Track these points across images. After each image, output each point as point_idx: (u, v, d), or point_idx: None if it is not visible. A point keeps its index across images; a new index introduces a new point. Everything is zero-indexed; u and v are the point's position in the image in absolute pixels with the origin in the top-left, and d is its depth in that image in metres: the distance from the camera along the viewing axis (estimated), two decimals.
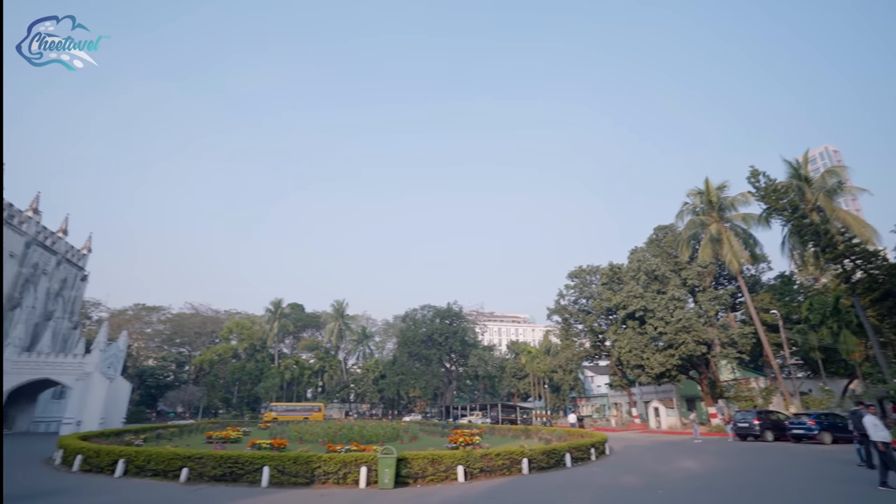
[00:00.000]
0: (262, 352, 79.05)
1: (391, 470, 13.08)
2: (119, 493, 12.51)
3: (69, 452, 17.58)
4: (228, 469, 13.85)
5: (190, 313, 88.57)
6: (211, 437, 26.49)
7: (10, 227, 41.13)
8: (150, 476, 14.54)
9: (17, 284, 41.65)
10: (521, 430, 32.37)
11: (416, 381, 68.81)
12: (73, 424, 34.43)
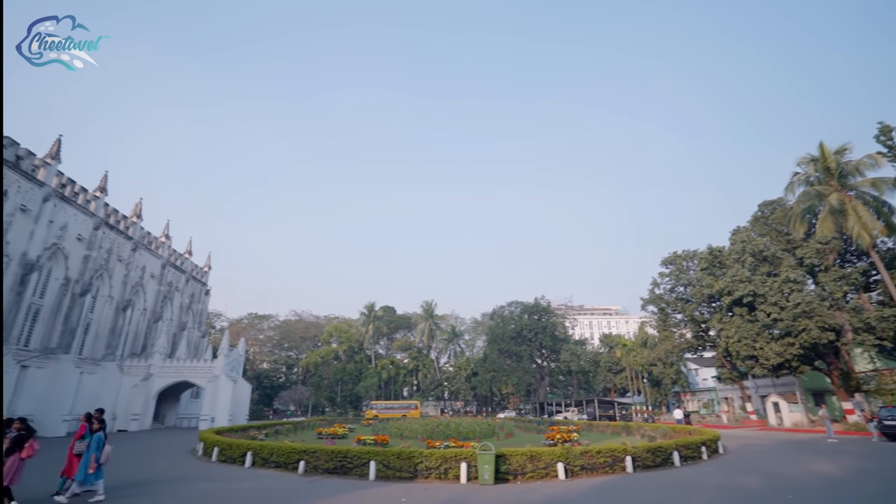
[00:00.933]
0: (359, 353, 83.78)
1: (491, 466, 13.30)
2: (251, 481, 14.06)
3: (208, 445, 20.06)
4: (339, 463, 14.98)
5: (295, 320, 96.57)
6: (321, 434, 28.67)
7: (149, 251, 47.82)
8: (273, 467, 16.17)
9: (157, 300, 48.40)
10: (621, 426, 31.04)
11: (508, 377, 68.76)
12: (209, 420, 39.23)
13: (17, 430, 9.92)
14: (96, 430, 11.17)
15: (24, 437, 9.85)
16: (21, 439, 9.77)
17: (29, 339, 33.22)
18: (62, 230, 36.10)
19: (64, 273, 36.11)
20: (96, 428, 11.19)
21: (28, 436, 9.94)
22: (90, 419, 11.56)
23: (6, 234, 30.92)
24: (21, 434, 9.85)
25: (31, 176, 33.30)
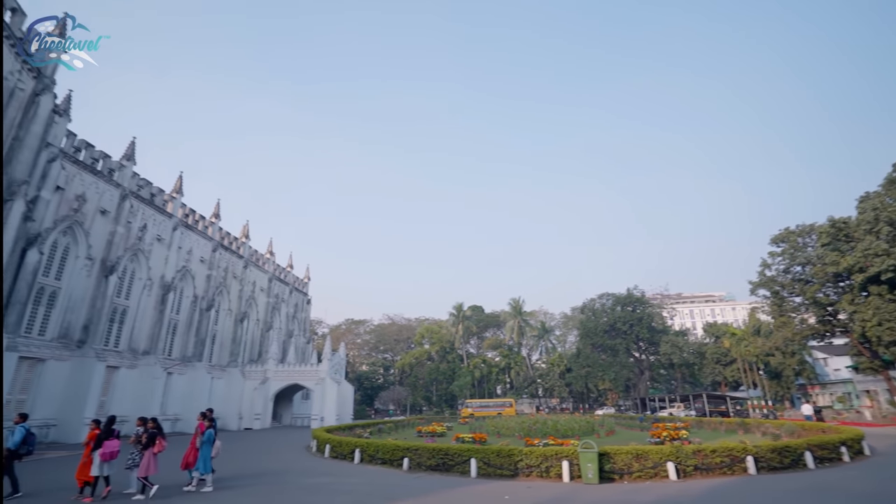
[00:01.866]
0: (451, 353, 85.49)
1: (594, 465, 13.00)
2: (362, 476, 15.06)
3: (321, 442, 21.78)
4: (441, 460, 15.52)
5: (388, 323, 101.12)
6: (421, 432, 29.78)
7: (257, 267, 52.95)
8: (380, 464, 17.16)
9: (267, 311, 53.49)
10: (737, 423, 28.50)
11: (604, 372, 66.10)
12: (319, 420, 42.55)
13: (150, 429, 11.60)
14: (206, 427, 12.42)
15: (155, 435, 11.52)
16: (153, 437, 11.45)
17: (171, 349, 38.44)
18: (189, 254, 41.32)
19: (193, 291, 41.30)
20: (207, 426, 12.47)
21: (158, 433, 11.63)
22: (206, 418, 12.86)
23: (149, 259, 36.10)
24: (153, 432, 11.54)
25: (163, 210, 38.55)
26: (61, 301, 29.13)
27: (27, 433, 11.86)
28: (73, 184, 30.21)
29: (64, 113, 27.54)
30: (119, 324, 33.75)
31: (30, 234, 24.72)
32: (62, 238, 29.58)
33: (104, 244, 32.36)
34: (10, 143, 23.48)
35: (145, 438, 11.47)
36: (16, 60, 24.19)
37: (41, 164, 25.28)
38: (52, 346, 27.99)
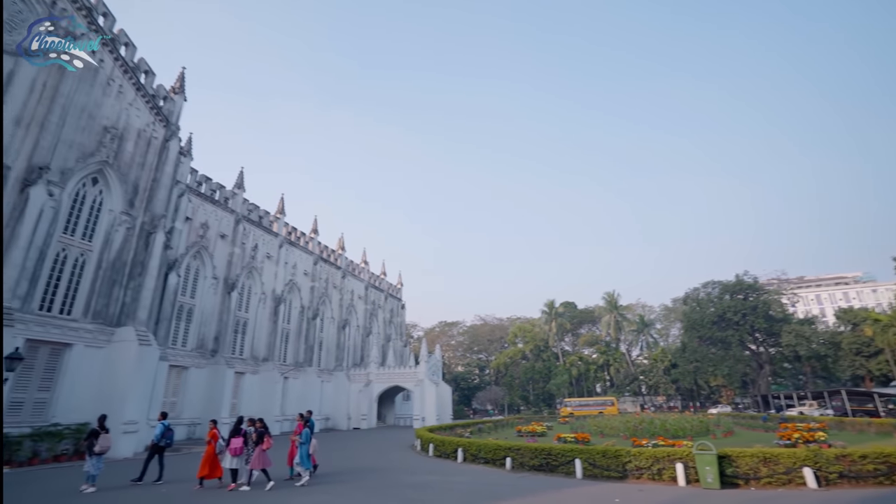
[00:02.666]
0: (546, 351, 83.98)
1: (714, 468, 12.11)
2: (466, 475, 15.44)
3: (424, 441, 22.66)
4: (544, 460, 15.43)
5: (480, 324, 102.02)
6: (520, 431, 29.71)
7: (354, 276, 56.36)
8: (483, 463, 17.46)
9: (365, 318, 56.74)
10: (892, 424, 24.74)
11: (716, 367, 60.61)
12: (420, 420, 44.21)
13: (258, 428, 13.19)
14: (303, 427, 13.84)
15: (263, 434, 13.05)
16: (261, 435, 13.00)
17: (286, 356, 42.31)
18: (294, 268, 45.23)
19: (300, 302, 45.13)
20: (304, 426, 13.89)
21: (265, 432, 13.15)
22: (303, 419, 14.21)
23: (262, 276, 40.16)
24: (261, 431, 13.09)
25: (270, 230, 42.66)
26: (196, 316, 33.44)
27: (165, 429, 14.23)
28: (198, 213, 34.60)
29: (187, 153, 31.66)
30: (242, 334, 37.91)
31: (169, 260, 28.74)
32: (193, 261, 33.95)
33: (225, 264, 36.58)
34: (150, 183, 27.56)
35: (255, 437, 13.09)
36: (150, 113, 28.36)
37: (173, 199, 29.30)
38: (192, 356, 32.22)
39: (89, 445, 12.71)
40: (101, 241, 24.59)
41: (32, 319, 20.59)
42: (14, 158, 20.97)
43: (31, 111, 21.93)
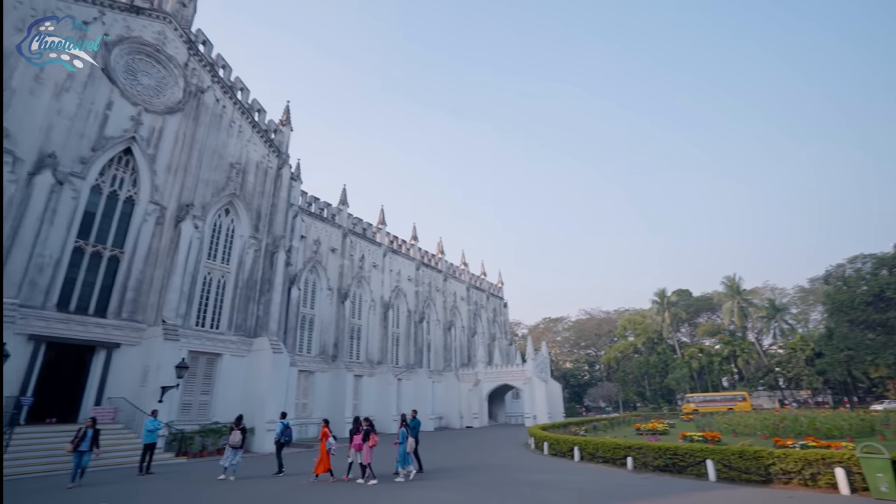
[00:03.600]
0: (660, 344, 78.39)
1: (889, 475, 10.22)
2: (584, 474, 15.04)
3: (538, 440, 22.48)
4: (669, 460, 14.49)
5: (586, 318, 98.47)
6: (639, 429, 28.11)
7: (455, 278, 57.70)
8: (601, 462, 16.87)
9: (469, 318, 57.79)
10: None
11: (876, 356, 51.54)
12: (531, 418, 43.88)
13: (366, 427, 14.04)
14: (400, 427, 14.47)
15: (369, 432, 13.87)
16: (368, 433, 13.84)
17: (397, 359, 44.67)
18: (398, 275, 47.63)
19: (406, 307, 47.37)
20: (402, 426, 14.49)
21: (372, 430, 13.96)
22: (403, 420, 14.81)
23: (370, 284, 42.94)
24: (368, 429, 13.93)
25: (374, 240, 45.47)
26: (317, 325, 36.75)
27: (284, 427, 16.23)
28: (310, 231, 38.04)
29: (297, 178, 35.01)
30: (357, 339, 40.82)
31: (290, 276, 32.00)
32: (310, 275, 37.37)
33: (337, 276, 39.72)
34: (270, 208, 31.00)
35: (362, 435, 14.09)
36: (264, 146, 31.90)
37: (289, 221, 32.58)
38: (316, 361, 35.47)
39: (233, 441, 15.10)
40: (236, 263, 28.19)
41: (192, 334, 24.27)
42: (167, 199, 24.99)
43: (177, 159, 25.93)
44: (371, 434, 13.92)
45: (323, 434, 14.79)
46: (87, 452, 13.87)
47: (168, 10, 27.75)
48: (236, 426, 15.53)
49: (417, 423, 15.19)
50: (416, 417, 15.57)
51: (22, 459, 16.27)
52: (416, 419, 15.37)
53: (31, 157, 20.26)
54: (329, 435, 14.71)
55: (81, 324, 20.79)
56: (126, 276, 22.80)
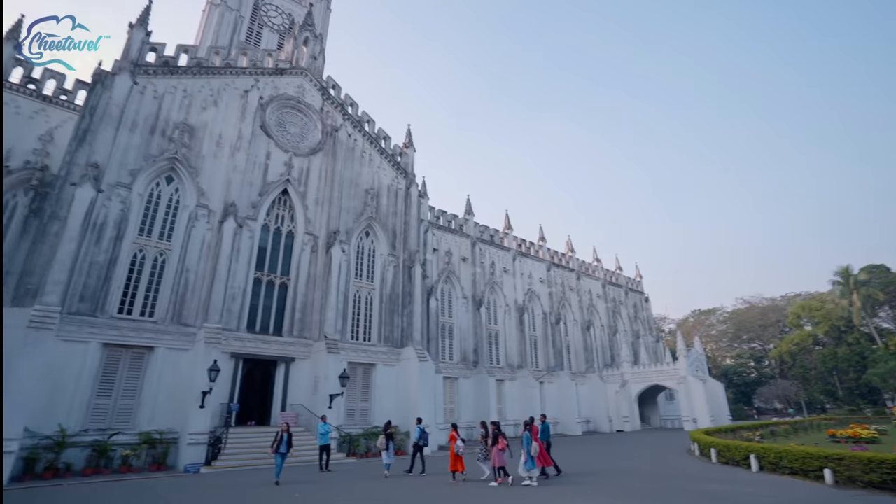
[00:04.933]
0: (850, 332, 64.97)
1: None
2: (770, 487, 13.18)
3: (703, 445, 20.36)
4: (888, 475, 12.00)
5: (745, 308, 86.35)
6: (835, 436, 23.81)
7: (588, 276, 55.37)
8: (787, 474, 14.65)
9: (608, 316, 54.86)
10: None
11: None
12: (691, 421, 39.80)
13: (494, 431, 14.68)
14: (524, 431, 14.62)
15: (498, 435, 14.48)
16: (496, 436, 14.49)
17: (537, 362, 44.25)
18: (529, 278, 47.36)
19: (541, 309, 46.81)
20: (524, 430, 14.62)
21: (500, 433, 14.53)
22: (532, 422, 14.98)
23: (502, 289, 43.39)
24: (496, 433, 14.59)
25: (502, 245, 46.06)
26: (455, 332, 38.28)
27: (422, 432, 18.06)
28: (441, 243, 39.95)
29: (424, 195, 37.12)
30: (495, 345, 41.46)
31: (427, 287, 33.94)
32: (445, 285, 39.15)
33: (470, 284, 40.94)
34: (403, 226, 33.34)
35: (490, 438, 14.95)
36: (392, 170, 34.51)
37: (421, 236, 34.63)
38: (459, 367, 36.90)
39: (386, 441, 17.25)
40: (379, 280, 30.83)
41: (349, 347, 27.15)
42: (318, 229, 28.51)
43: (322, 192, 29.48)
44: (499, 437, 14.42)
45: (451, 438, 15.92)
46: (286, 454, 15.66)
47: (303, 65, 31.84)
48: (384, 431, 17.68)
49: (546, 427, 15.55)
50: (545, 422, 15.91)
51: (236, 455, 19.88)
52: (545, 423, 15.77)
53: (218, 208, 24.85)
54: (457, 438, 15.69)
55: (265, 342, 24.69)
56: (293, 300, 26.50)
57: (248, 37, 43.66)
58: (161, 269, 22.70)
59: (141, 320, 21.36)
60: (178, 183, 24.44)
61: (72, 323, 19.23)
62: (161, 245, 22.98)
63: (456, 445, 15.56)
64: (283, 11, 47.01)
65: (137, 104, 23.90)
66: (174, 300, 22.35)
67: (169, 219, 23.67)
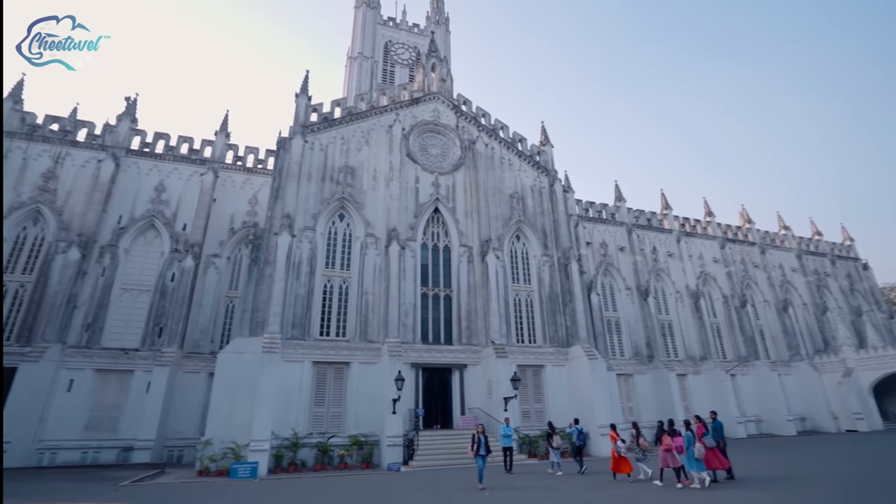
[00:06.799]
0: None
1: None
2: None
3: None
4: None
5: None
6: None
7: (774, 247, 47.19)
8: None
9: (810, 292, 45.90)
10: None
11: None
12: None
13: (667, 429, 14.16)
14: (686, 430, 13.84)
15: (661, 434, 14.07)
16: (659, 436, 14.13)
17: (724, 352, 39.17)
18: (700, 259, 42.46)
19: (719, 292, 41.50)
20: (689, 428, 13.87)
21: (664, 433, 14.04)
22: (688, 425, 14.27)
23: (669, 275, 39.64)
24: (660, 431, 14.22)
25: (661, 228, 42.47)
26: (623, 326, 36.19)
27: (578, 432, 18.55)
28: (594, 235, 38.37)
29: (569, 189, 36.14)
30: (669, 336, 37.94)
31: (587, 283, 32.78)
32: (604, 279, 37.38)
33: (631, 273, 38.35)
34: (552, 224, 32.80)
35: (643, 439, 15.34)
36: (533, 170, 34.36)
37: (572, 231, 33.68)
38: (632, 363, 34.72)
39: (548, 443, 18.51)
40: (536, 281, 30.81)
41: (515, 350, 27.62)
42: (471, 240, 29.84)
43: (469, 205, 30.80)
44: (663, 436, 13.97)
45: (611, 438, 15.86)
46: (486, 456, 15.26)
47: (434, 89, 33.86)
48: (552, 431, 19.12)
49: (718, 424, 14.80)
50: (717, 419, 15.17)
51: (428, 456, 21.80)
52: (717, 421, 14.99)
53: (383, 235, 27.80)
54: (617, 439, 15.59)
55: (438, 351, 26.62)
56: (458, 309, 28.09)
57: (384, 77, 48.21)
58: (346, 294, 26.27)
59: (337, 340, 24.98)
60: (349, 218, 28.07)
61: (289, 346, 23.41)
62: (343, 274, 26.61)
63: (616, 446, 15.48)
64: (409, 47, 50.84)
65: (309, 158, 28.25)
66: (359, 320, 25.62)
67: (346, 250, 27.32)
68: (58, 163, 28.71)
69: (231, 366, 21.74)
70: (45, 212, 27.35)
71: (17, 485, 16.15)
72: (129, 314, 26.96)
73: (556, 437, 18.99)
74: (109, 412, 24.60)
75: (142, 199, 29.63)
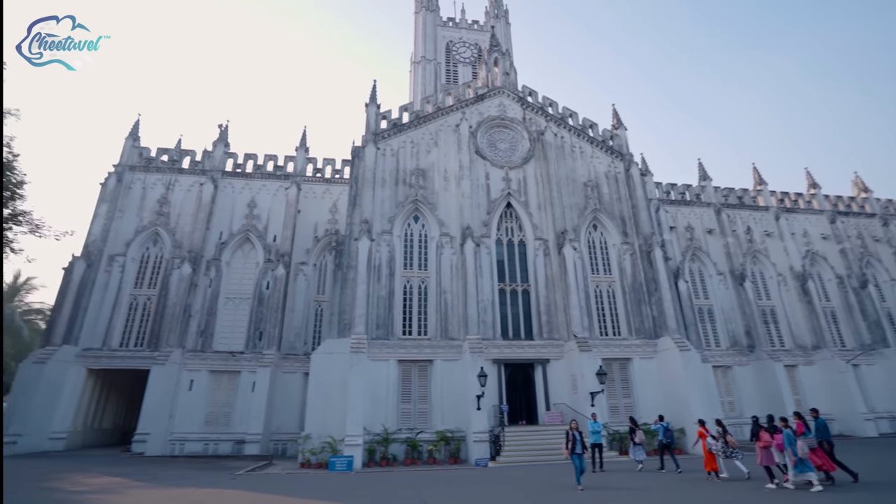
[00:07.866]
0: None
1: None
2: None
3: None
4: None
5: None
6: None
7: None
8: None
9: None
10: None
11: None
12: None
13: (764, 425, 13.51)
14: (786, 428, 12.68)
15: (758, 430, 13.35)
16: (755, 432, 13.43)
17: (842, 339, 34.99)
18: (805, 236, 38.26)
19: (832, 272, 37.14)
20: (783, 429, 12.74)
21: (760, 429, 13.34)
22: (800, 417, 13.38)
23: (768, 256, 36.15)
24: (754, 428, 13.64)
25: (755, 206, 38.75)
26: (717, 315, 33.61)
27: (664, 429, 17.76)
28: (678, 219, 36.01)
29: (647, 172, 34.13)
30: (773, 323, 34.59)
31: (673, 270, 30.81)
32: (692, 264, 34.95)
33: (723, 257, 35.48)
34: (631, 210, 31.22)
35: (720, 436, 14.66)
36: (606, 155, 32.95)
37: (653, 216, 31.80)
38: (730, 354, 32.18)
39: (631, 438, 18.32)
40: (617, 271, 29.55)
41: (599, 343, 26.72)
42: (546, 232, 29.30)
43: (542, 197, 30.25)
44: (760, 432, 13.23)
45: (700, 434, 15.32)
46: (582, 454, 14.57)
47: (499, 83, 33.59)
48: (635, 425, 18.84)
49: (822, 422, 13.56)
50: (820, 417, 13.84)
51: (515, 451, 21.80)
52: (820, 419, 13.71)
53: (457, 233, 28.15)
54: (707, 435, 15.01)
55: (519, 346, 26.49)
56: (537, 304, 27.73)
57: (448, 77, 48.69)
58: (425, 293, 26.99)
59: (419, 338, 25.75)
60: (423, 220, 28.78)
61: (374, 346, 24.53)
62: (421, 274, 27.36)
63: (707, 442, 14.94)
64: (470, 44, 50.90)
65: (382, 164, 29.34)
66: (440, 318, 26.20)
67: (422, 251, 28.05)
68: (169, 189, 32.54)
69: (323, 365, 23.27)
70: (162, 233, 31.16)
71: (157, 469, 18.81)
72: (233, 320, 29.86)
73: (640, 431, 18.54)
74: (223, 408, 27.48)
75: (237, 215, 32.64)
